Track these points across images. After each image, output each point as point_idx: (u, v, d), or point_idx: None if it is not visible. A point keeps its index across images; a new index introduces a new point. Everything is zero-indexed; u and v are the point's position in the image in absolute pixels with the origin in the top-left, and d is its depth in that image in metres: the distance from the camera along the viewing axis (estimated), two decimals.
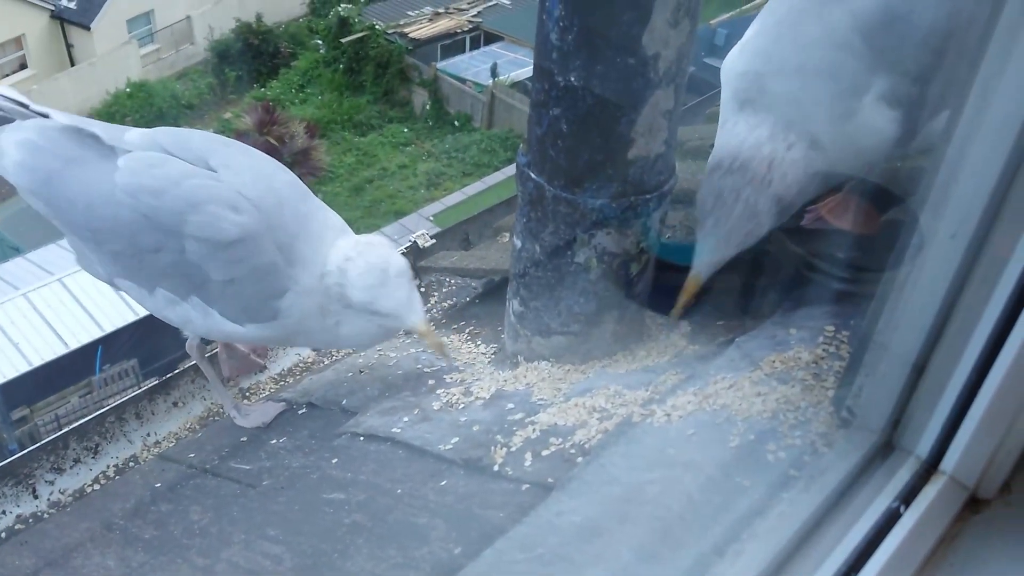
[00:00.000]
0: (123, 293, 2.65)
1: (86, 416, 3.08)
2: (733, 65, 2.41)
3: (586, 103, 2.24)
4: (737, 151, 2.32)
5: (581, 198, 2.37)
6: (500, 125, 25.01)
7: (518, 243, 2.59)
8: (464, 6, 28.75)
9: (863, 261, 2.32)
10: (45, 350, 16.40)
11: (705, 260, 2.37)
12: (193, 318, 2.50)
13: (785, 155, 2.25)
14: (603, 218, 2.38)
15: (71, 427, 3.02)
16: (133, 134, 2.48)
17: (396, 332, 2.67)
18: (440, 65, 26.73)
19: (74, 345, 16.56)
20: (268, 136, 20.91)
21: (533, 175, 2.43)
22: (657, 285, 2.63)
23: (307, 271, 2.38)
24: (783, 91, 2.32)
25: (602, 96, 2.23)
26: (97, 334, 16.37)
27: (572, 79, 2.22)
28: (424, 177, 24.28)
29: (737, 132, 2.32)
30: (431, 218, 22.31)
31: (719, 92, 2.55)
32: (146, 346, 15.55)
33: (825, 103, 2.29)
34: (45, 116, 2.54)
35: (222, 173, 2.38)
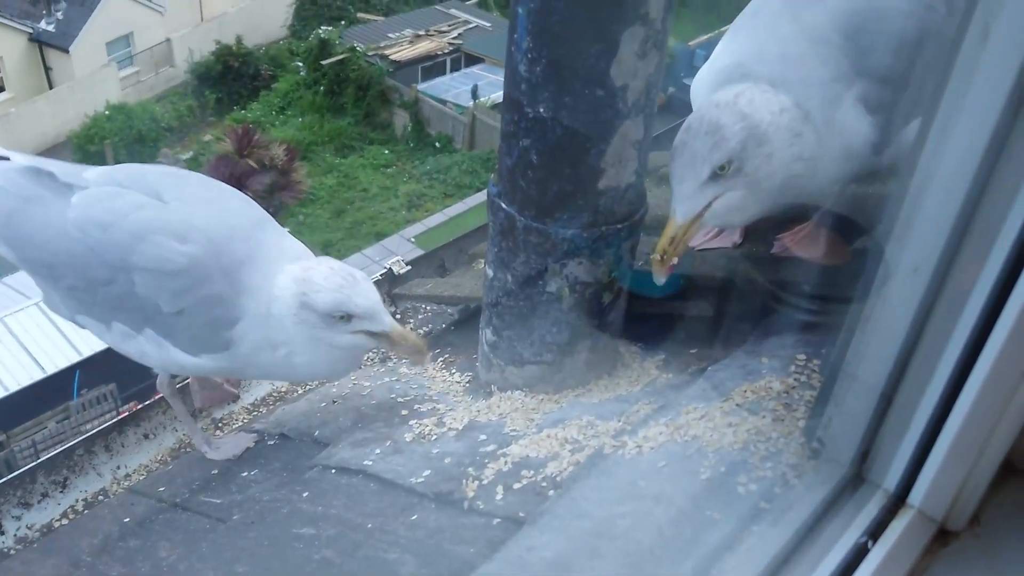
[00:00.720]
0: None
1: (63, 442, 3.04)
2: (702, 82, 2.42)
3: (555, 134, 2.25)
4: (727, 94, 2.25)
5: (552, 228, 2.37)
6: (481, 146, 25.08)
7: (490, 272, 2.58)
8: (445, 28, 28.89)
9: (829, 292, 2.32)
10: (21, 375, 16.22)
11: (679, 200, 2.30)
12: (148, 351, 2.48)
13: (770, 92, 2.21)
14: (574, 248, 2.38)
15: (39, 461, 2.98)
16: (92, 172, 2.50)
17: (358, 355, 2.59)
18: (421, 87, 26.81)
19: (51, 370, 16.37)
20: (248, 158, 20.83)
21: (504, 205, 2.42)
22: (630, 313, 2.63)
23: (255, 300, 2.35)
24: (767, 73, 2.27)
25: (571, 127, 2.23)
26: (75, 358, 16.19)
27: (541, 110, 2.23)
28: (405, 198, 24.29)
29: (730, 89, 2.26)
30: (412, 239, 22.30)
31: None
32: (124, 370, 15.30)
33: (813, 86, 2.26)
34: (5, 159, 2.54)
35: (173, 204, 2.39)
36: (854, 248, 2.45)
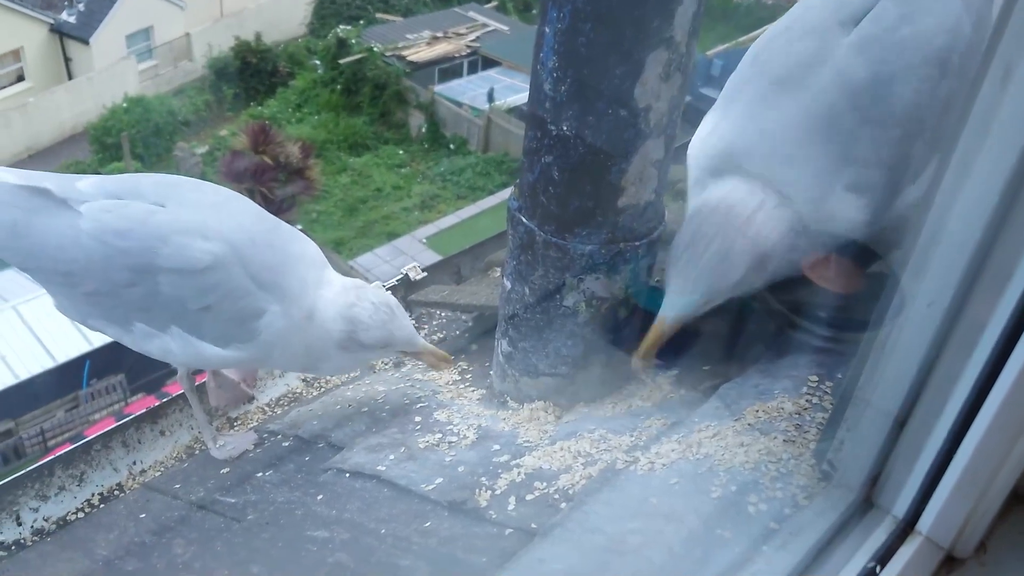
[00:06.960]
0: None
1: (71, 430, 3.11)
2: (700, 150, 2.44)
3: (578, 152, 2.28)
4: (720, 198, 2.32)
5: (571, 244, 2.40)
6: (496, 149, 25.14)
7: (508, 285, 2.62)
8: (463, 31, 28.97)
9: (844, 320, 2.35)
10: (32, 363, 16.35)
11: (672, 307, 2.33)
12: (173, 348, 2.56)
13: (772, 209, 2.27)
14: (592, 264, 2.41)
15: (57, 455, 3.02)
16: (85, 183, 2.52)
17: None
18: (437, 88, 26.91)
19: (62, 359, 16.50)
20: (263, 154, 20.95)
21: (524, 220, 2.46)
22: (645, 329, 2.65)
23: (283, 300, 2.50)
24: (758, 170, 2.31)
25: (594, 145, 2.26)
26: (85, 348, 16.32)
27: (564, 128, 2.26)
28: (418, 199, 24.38)
29: (720, 186, 2.34)
30: (424, 240, 22.37)
31: None
32: (134, 361, 15.50)
33: (803, 181, 2.28)
34: None
35: (182, 209, 2.48)
36: (868, 274, 2.47)
